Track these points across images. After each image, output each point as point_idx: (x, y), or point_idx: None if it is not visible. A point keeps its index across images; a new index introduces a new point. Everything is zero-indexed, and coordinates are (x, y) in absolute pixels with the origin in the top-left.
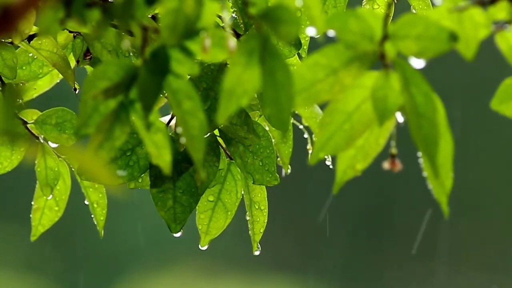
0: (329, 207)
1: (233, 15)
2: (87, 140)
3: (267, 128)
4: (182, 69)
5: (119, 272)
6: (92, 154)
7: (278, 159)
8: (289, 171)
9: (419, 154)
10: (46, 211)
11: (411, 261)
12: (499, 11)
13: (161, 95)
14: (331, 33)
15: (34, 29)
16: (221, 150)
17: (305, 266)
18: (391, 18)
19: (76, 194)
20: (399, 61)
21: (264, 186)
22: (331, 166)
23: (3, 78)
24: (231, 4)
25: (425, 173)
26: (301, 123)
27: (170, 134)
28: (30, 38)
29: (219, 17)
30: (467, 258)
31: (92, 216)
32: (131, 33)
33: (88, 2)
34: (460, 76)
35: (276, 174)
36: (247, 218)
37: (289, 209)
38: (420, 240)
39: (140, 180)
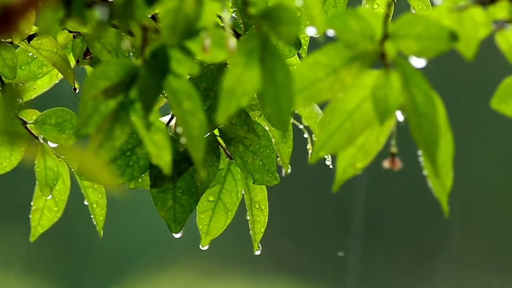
0: (329, 207)
1: (233, 15)
2: (87, 140)
3: (267, 128)
4: (182, 69)
5: (119, 273)
6: (92, 154)
7: (278, 159)
8: (289, 170)
9: (420, 152)
10: (45, 212)
11: (411, 261)
12: (499, 11)
13: (161, 95)
14: (331, 32)
15: (34, 29)
16: (221, 150)
17: (305, 266)
18: (391, 18)
19: (76, 195)
20: (400, 60)
21: (264, 186)
22: (331, 166)
23: (3, 78)
24: (231, 4)
25: (425, 172)
26: (301, 123)
27: (170, 134)
28: (30, 38)
29: (219, 17)
30: (467, 258)
31: (92, 216)
32: (131, 33)
33: (88, 2)
34: (460, 76)
35: (276, 174)
36: (248, 218)
37: (289, 209)
38: (420, 240)
39: (140, 180)
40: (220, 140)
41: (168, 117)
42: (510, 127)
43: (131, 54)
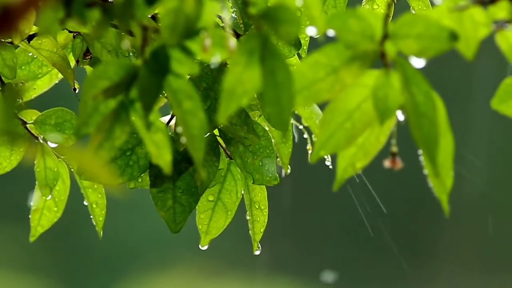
0: (329, 207)
1: (233, 15)
2: (87, 140)
3: (267, 128)
4: (182, 69)
5: (118, 273)
6: (91, 154)
7: (278, 159)
8: (288, 171)
9: (420, 152)
10: (45, 212)
11: (411, 261)
12: (499, 11)
13: (161, 95)
14: (331, 33)
15: (34, 29)
16: (221, 150)
17: (305, 266)
18: (391, 18)
19: (76, 195)
20: (400, 60)
21: (264, 186)
22: (330, 166)
23: (2, 77)
24: (231, 4)
25: (425, 171)
26: (301, 123)
27: (170, 134)
28: (30, 37)
29: (219, 17)
30: (467, 258)
31: (91, 216)
32: (131, 33)
33: (88, 2)
34: (461, 76)
35: (276, 174)
36: (247, 217)
37: (289, 209)
38: (420, 240)
39: (139, 180)
40: (220, 140)
41: (168, 117)
42: (510, 126)
43: (131, 54)
